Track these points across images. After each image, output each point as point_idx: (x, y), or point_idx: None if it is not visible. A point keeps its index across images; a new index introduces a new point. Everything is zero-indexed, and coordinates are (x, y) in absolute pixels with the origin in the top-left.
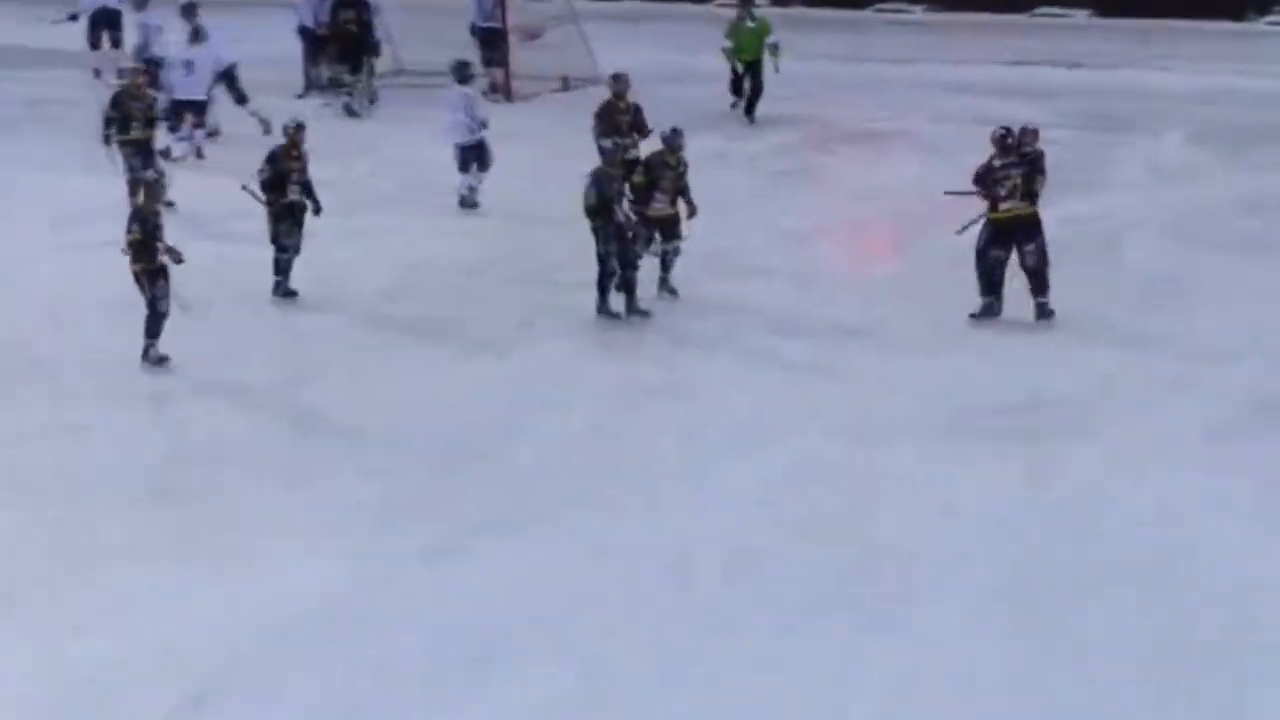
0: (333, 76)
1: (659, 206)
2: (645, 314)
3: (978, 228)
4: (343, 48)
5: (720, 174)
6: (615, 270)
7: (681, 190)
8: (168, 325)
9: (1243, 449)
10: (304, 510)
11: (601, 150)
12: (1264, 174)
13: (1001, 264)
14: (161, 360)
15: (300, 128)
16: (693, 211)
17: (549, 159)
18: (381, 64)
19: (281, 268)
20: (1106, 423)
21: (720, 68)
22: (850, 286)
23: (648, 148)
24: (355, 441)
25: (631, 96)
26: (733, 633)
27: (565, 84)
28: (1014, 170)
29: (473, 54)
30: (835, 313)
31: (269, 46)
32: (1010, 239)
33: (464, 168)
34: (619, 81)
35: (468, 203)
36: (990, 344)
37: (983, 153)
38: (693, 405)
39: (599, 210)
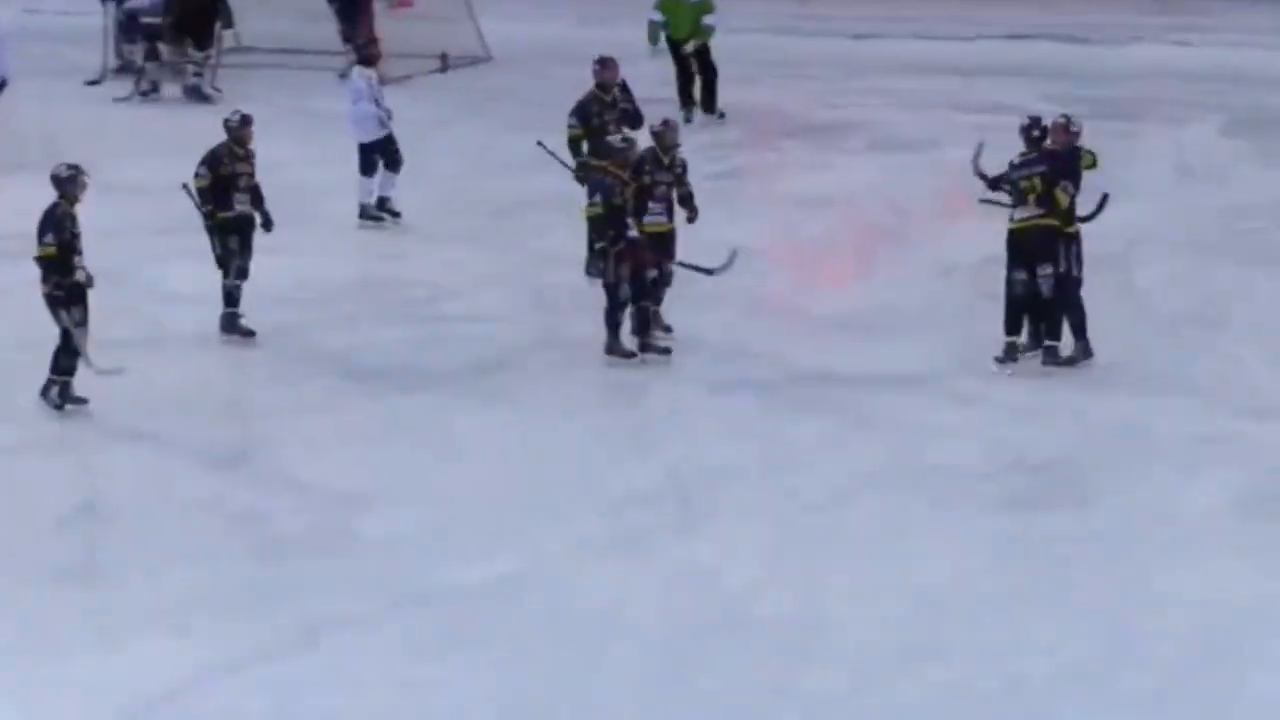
0: (171, 56)
1: (653, 220)
2: (666, 352)
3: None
4: (182, 17)
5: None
6: (627, 300)
7: (683, 199)
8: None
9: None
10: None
11: (609, 150)
12: None
13: (1021, 291)
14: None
15: (246, 121)
16: (693, 216)
17: (424, 159)
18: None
19: (234, 298)
20: (1112, 492)
21: (638, 43)
22: (805, 317)
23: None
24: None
25: (529, 78)
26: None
27: (444, 63)
28: (1034, 170)
29: (329, 25)
30: (788, 349)
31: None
32: (1026, 258)
33: (369, 170)
34: (607, 68)
35: (370, 213)
36: (970, 389)
37: (967, 147)
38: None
39: (607, 224)
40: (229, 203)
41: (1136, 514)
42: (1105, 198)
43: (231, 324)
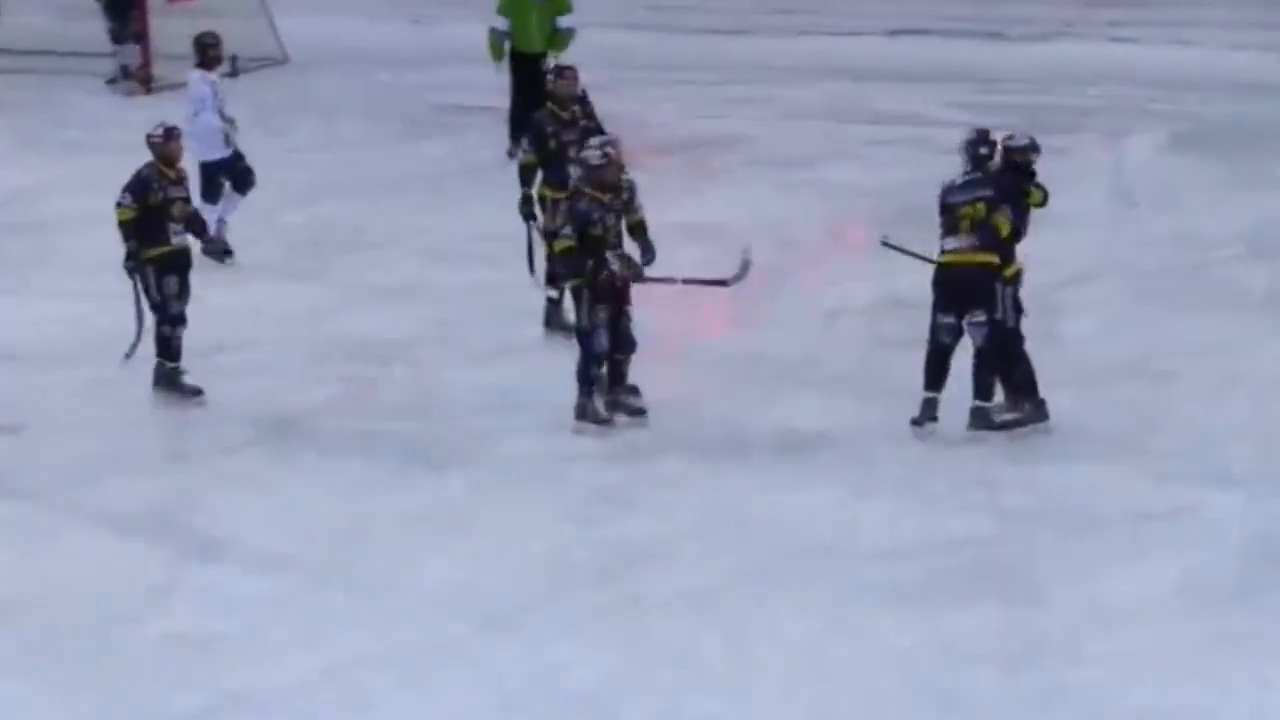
0: None
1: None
2: (642, 413)
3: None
4: None
5: (480, 209)
6: (604, 351)
7: (634, 228)
8: None
9: (1251, 624)
10: None
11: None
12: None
13: (949, 339)
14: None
15: (172, 134)
16: (649, 256)
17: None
18: None
19: (173, 348)
20: (1042, 585)
21: (472, 45)
22: (666, 371)
23: None
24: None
25: (334, 83)
26: None
27: (233, 67)
28: (978, 194)
29: (95, 22)
30: (648, 410)
31: None
32: (956, 301)
33: (214, 195)
34: (564, 78)
35: (216, 250)
36: (867, 456)
37: (867, 167)
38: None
39: (582, 259)
40: (163, 235)
41: (1070, 613)
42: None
43: (173, 381)
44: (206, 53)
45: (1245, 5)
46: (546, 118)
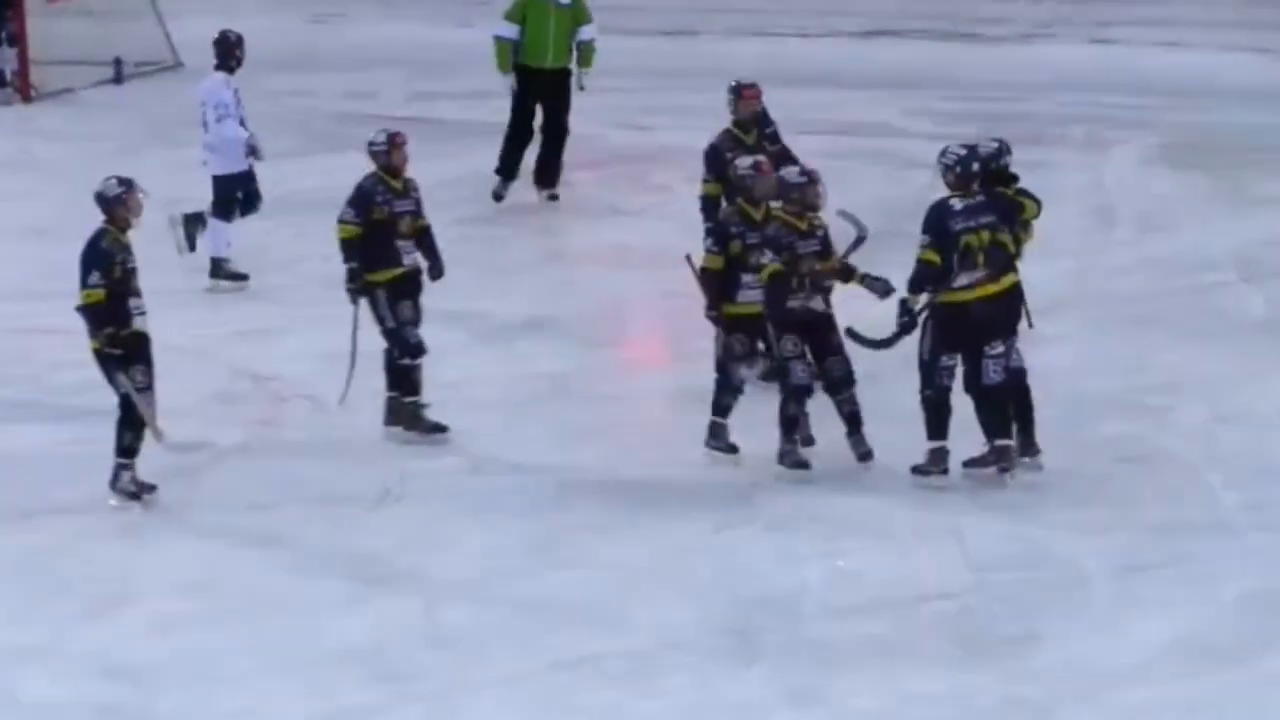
0: None
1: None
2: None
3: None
4: None
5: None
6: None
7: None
8: None
9: (1250, 687)
10: None
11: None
12: (1277, 213)
13: (950, 381)
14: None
15: (398, 139)
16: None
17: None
18: None
19: (414, 380)
20: (1020, 646)
21: (373, 47)
22: (593, 413)
23: None
24: None
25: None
26: None
27: (119, 72)
28: (982, 221)
29: None
30: (572, 456)
31: None
32: (974, 336)
33: (228, 211)
34: (744, 97)
35: (228, 270)
36: (835, 501)
37: (825, 183)
38: None
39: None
40: (393, 256)
41: (1049, 676)
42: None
43: (417, 418)
44: (231, 53)
45: (1242, 4)
46: (725, 141)
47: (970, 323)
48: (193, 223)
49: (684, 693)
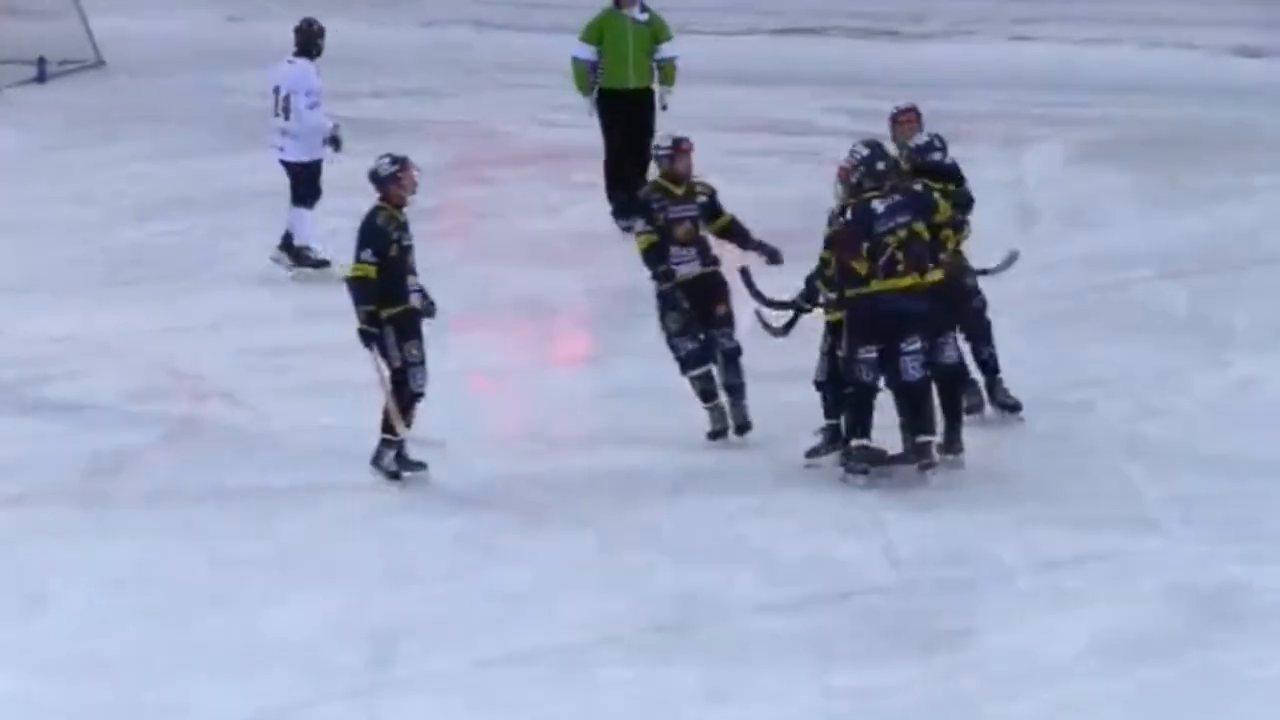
0: None
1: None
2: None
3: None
4: None
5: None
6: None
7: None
8: None
9: (1173, 683)
10: None
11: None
12: (1200, 208)
13: (872, 376)
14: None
15: (683, 144)
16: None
17: (20, 198)
18: None
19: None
20: (945, 640)
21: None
22: (521, 409)
23: None
24: None
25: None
26: None
27: (41, 70)
28: (900, 220)
29: None
30: (500, 454)
31: None
32: (889, 330)
33: (311, 198)
34: (902, 124)
35: (313, 257)
36: (761, 497)
37: (747, 181)
38: None
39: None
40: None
41: (975, 671)
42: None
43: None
44: (314, 41)
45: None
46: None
47: (883, 316)
48: None
49: (612, 688)
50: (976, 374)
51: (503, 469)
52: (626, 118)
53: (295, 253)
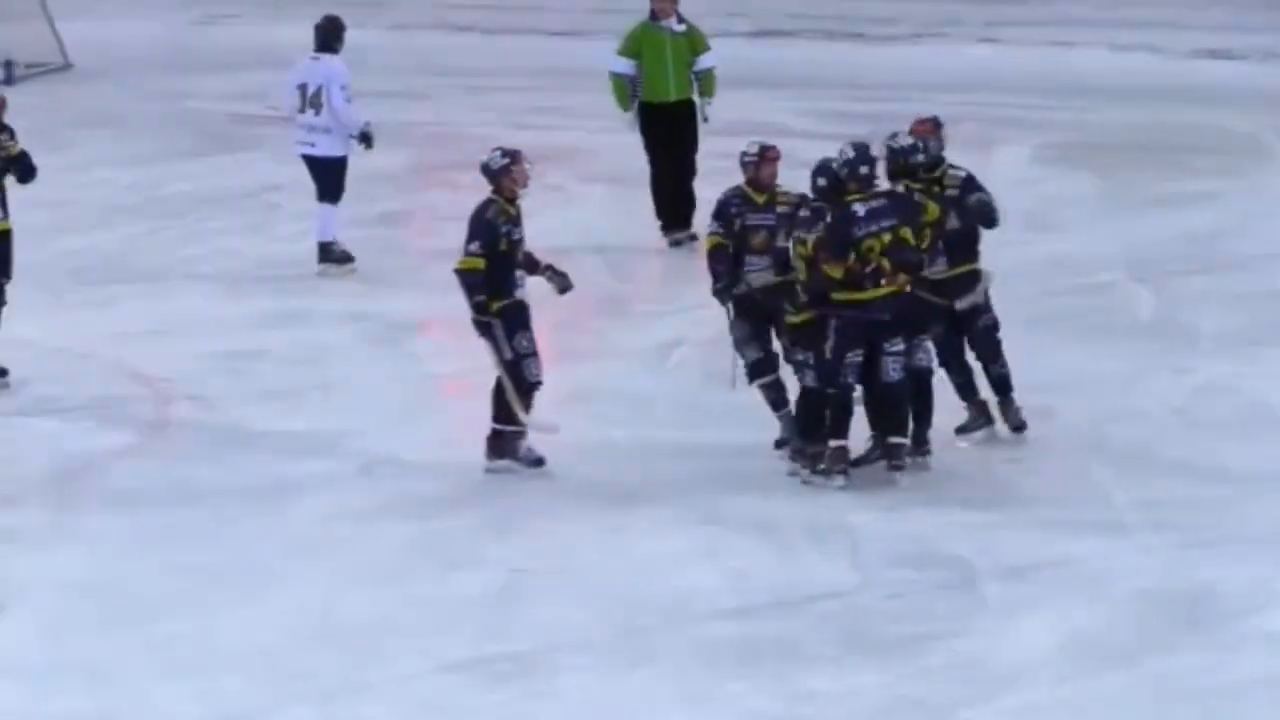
0: None
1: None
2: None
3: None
4: None
5: (276, 233)
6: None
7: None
8: None
9: (1136, 687)
10: None
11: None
12: (1167, 212)
13: (854, 378)
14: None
15: (770, 153)
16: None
17: None
18: None
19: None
20: (917, 641)
21: (269, 50)
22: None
23: None
24: None
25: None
26: None
27: (8, 73)
28: (884, 224)
29: None
30: (465, 460)
31: None
32: (874, 334)
33: (338, 193)
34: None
35: (338, 253)
36: (724, 500)
37: (716, 184)
38: None
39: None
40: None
41: (940, 675)
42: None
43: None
44: (340, 36)
45: (1131, 4)
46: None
47: (870, 320)
48: None
49: (574, 694)
50: (987, 392)
51: (469, 473)
52: (668, 131)
53: (322, 248)
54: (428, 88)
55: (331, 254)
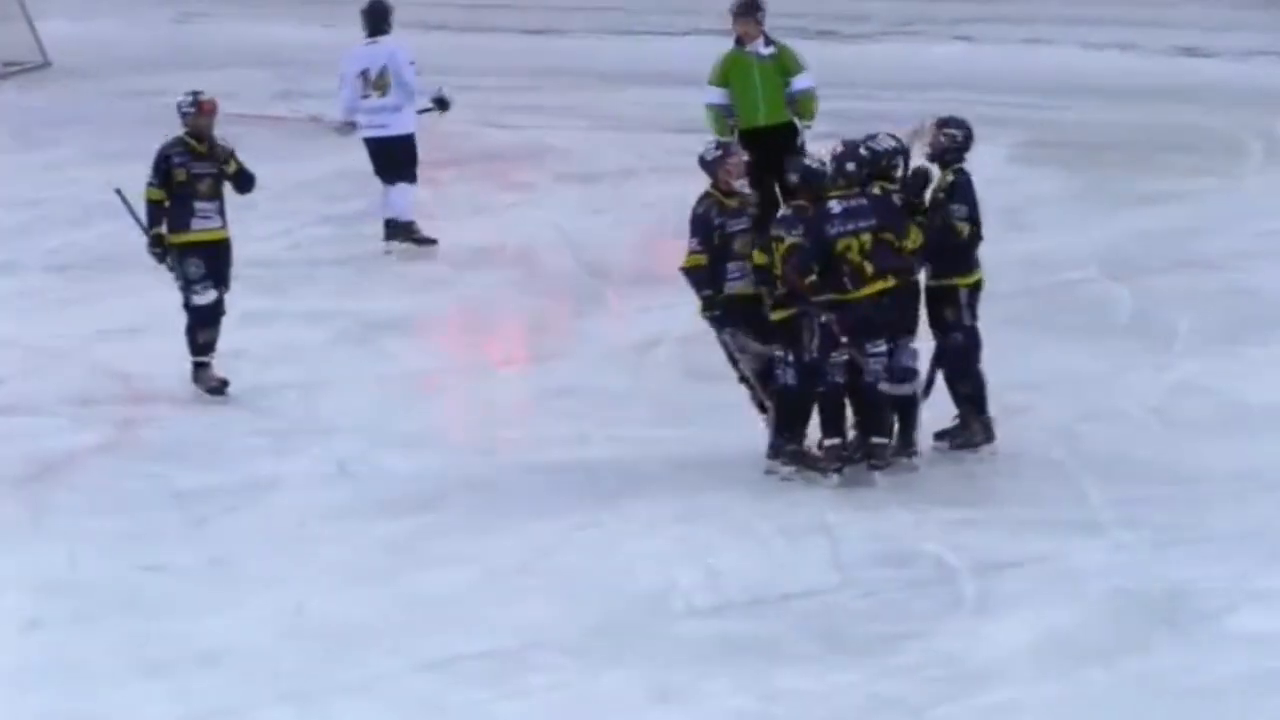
0: None
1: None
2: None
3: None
4: None
5: (255, 232)
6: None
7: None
8: None
9: (1114, 687)
10: None
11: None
12: (1143, 211)
13: (843, 377)
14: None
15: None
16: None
17: None
18: None
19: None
20: (894, 640)
21: (249, 47)
22: (460, 410)
23: None
24: None
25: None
26: None
27: None
28: (861, 224)
29: None
30: (431, 458)
31: None
32: (858, 334)
33: (412, 171)
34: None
35: (419, 236)
36: (701, 500)
37: (687, 182)
38: None
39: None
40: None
41: (917, 674)
42: None
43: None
44: (388, 19)
45: (1104, 1)
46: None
47: (854, 321)
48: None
49: (550, 692)
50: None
51: (445, 471)
52: (766, 156)
53: (403, 228)
54: None
55: (412, 233)
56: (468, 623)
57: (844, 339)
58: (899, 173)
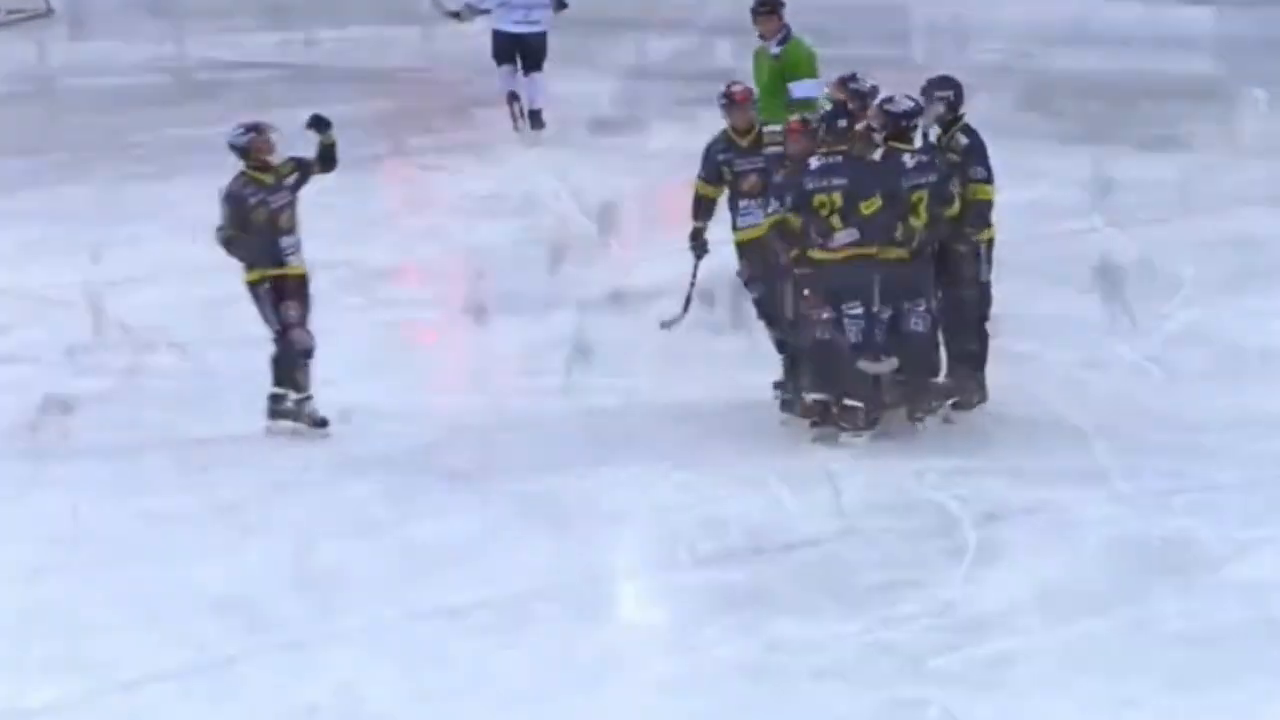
0: None
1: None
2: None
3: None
4: None
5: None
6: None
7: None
8: None
9: (1112, 636)
10: None
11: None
12: (1149, 160)
13: (831, 334)
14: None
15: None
16: None
17: None
18: None
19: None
20: (895, 589)
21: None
22: (447, 362)
23: None
24: None
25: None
26: None
27: None
28: (835, 182)
29: None
30: (422, 410)
31: None
32: (833, 294)
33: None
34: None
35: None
36: (702, 447)
37: (689, 130)
38: None
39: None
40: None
41: (917, 622)
42: None
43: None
44: None
45: None
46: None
47: (829, 283)
48: None
49: (549, 642)
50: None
51: (441, 421)
52: None
53: (535, 115)
54: (405, 34)
55: (541, 121)
56: (468, 572)
57: (824, 312)
58: (916, 134)
